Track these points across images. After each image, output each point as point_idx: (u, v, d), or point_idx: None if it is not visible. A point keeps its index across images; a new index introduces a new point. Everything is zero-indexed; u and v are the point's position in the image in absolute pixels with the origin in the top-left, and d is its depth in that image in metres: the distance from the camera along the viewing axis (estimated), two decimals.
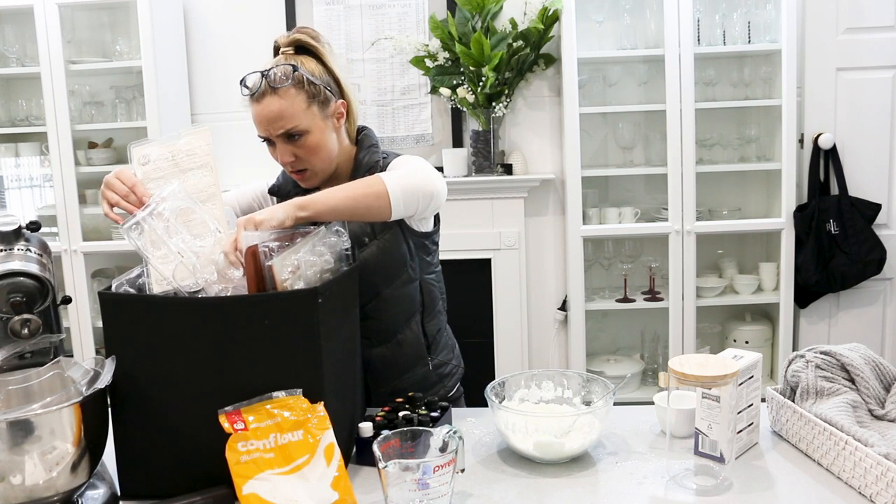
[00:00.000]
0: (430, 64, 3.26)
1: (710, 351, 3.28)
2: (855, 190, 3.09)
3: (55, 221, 3.27)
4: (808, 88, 3.09)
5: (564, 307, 3.43)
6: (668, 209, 3.15)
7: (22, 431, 1.02)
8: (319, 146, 1.46)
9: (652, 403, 1.38)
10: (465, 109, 3.30)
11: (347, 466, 1.19)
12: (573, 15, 3.05)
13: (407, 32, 3.40)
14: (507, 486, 1.19)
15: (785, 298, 3.14)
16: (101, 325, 1.30)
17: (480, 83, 3.18)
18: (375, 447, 1.05)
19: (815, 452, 1.21)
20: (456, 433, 1.10)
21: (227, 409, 1.09)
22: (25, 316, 1.22)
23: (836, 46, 3.05)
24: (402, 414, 1.29)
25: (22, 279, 1.22)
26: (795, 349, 2.07)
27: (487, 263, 3.36)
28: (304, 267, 1.21)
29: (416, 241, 1.54)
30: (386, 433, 1.10)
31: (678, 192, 3.12)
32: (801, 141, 3.13)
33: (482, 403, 1.36)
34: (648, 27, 3.15)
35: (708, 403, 1.13)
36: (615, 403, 1.30)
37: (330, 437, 1.11)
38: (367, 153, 1.54)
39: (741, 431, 1.24)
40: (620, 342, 3.52)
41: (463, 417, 1.45)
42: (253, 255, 1.18)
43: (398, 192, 1.35)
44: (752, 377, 1.26)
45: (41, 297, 1.24)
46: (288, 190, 1.56)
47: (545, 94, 3.41)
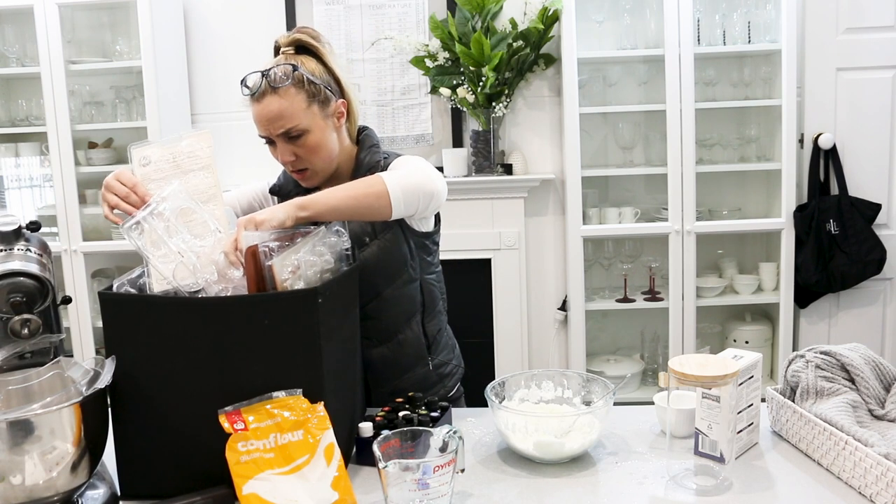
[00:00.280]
0: (430, 64, 3.26)
1: (710, 351, 3.28)
2: (855, 190, 3.09)
3: (55, 221, 3.27)
4: (808, 88, 3.09)
5: (564, 307, 3.43)
6: (668, 209, 3.15)
7: (22, 431, 1.02)
8: (320, 145, 1.46)
9: (652, 403, 1.38)
10: (465, 109, 3.30)
11: (347, 466, 1.19)
12: (573, 15, 3.05)
13: (407, 32, 3.39)
14: (507, 486, 1.18)
15: (785, 298, 3.14)
16: (101, 325, 1.30)
17: (480, 83, 3.18)
18: (375, 447, 1.05)
19: (815, 452, 1.21)
20: (456, 433, 1.10)
21: (227, 409, 1.09)
22: (25, 316, 1.22)
23: (836, 46, 3.05)
24: (402, 414, 1.29)
25: (22, 279, 1.22)
26: (795, 349, 2.07)
27: (487, 263, 3.36)
28: (304, 267, 1.21)
29: (416, 240, 1.54)
30: (386, 433, 1.10)
31: (678, 192, 3.12)
32: (801, 141, 3.13)
33: (482, 403, 1.36)
34: (648, 27, 3.15)
35: (708, 403, 1.13)
36: (615, 403, 1.30)
37: (330, 437, 1.11)
38: (368, 153, 1.54)
39: (741, 431, 1.24)
40: (620, 342, 3.52)
41: (463, 417, 1.45)
42: (253, 255, 1.18)
43: (399, 191, 1.35)
44: (752, 377, 1.26)
45: (41, 297, 1.24)
46: (289, 190, 1.56)
47: (545, 94, 3.41)
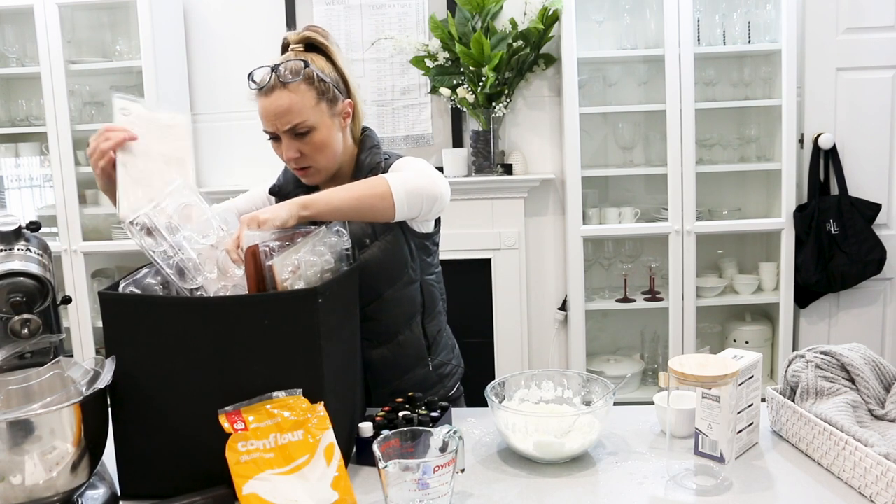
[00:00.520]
0: (430, 64, 3.26)
1: (710, 351, 3.28)
2: (855, 190, 3.09)
3: (55, 221, 3.27)
4: (808, 88, 3.09)
5: (564, 307, 3.43)
6: (668, 209, 3.15)
7: (22, 431, 1.02)
8: (326, 144, 1.45)
9: (652, 403, 1.38)
10: (465, 109, 3.30)
11: (347, 466, 1.19)
12: (573, 15, 3.05)
13: (407, 32, 3.39)
14: (507, 486, 1.18)
15: (785, 298, 3.14)
16: (101, 325, 1.30)
17: (480, 83, 3.18)
18: (375, 447, 1.05)
19: (815, 452, 1.21)
20: (456, 433, 1.10)
21: (227, 409, 1.09)
22: (25, 316, 1.22)
23: (836, 46, 3.05)
24: (402, 414, 1.29)
25: (22, 279, 1.22)
26: (795, 349, 2.07)
27: (487, 263, 3.36)
28: (304, 267, 1.21)
29: (417, 242, 1.54)
30: (386, 433, 1.10)
31: (678, 192, 3.12)
32: (801, 141, 3.13)
33: (482, 403, 1.36)
34: (648, 27, 3.15)
35: (708, 403, 1.13)
36: (615, 403, 1.30)
37: (330, 437, 1.11)
38: (368, 154, 1.53)
39: (741, 431, 1.24)
40: (620, 342, 3.52)
41: (463, 417, 1.45)
42: (253, 254, 1.18)
43: (402, 193, 1.34)
44: (752, 377, 1.26)
45: (41, 297, 1.24)
46: (289, 190, 1.56)
47: (545, 94, 3.41)
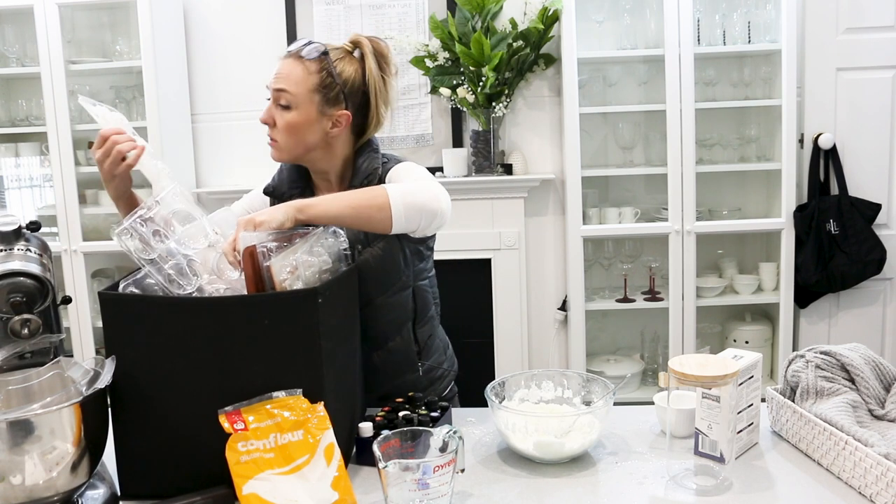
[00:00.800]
0: (430, 64, 3.25)
1: (710, 351, 3.28)
2: (855, 190, 3.09)
3: (55, 221, 3.27)
4: (808, 88, 3.09)
5: (564, 307, 3.43)
6: (668, 209, 3.15)
7: (22, 431, 1.02)
8: (295, 128, 1.44)
9: (652, 403, 1.38)
10: (465, 109, 3.30)
11: (347, 466, 1.19)
12: (573, 15, 3.05)
13: (407, 32, 3.39)
14: (507, 486, 1.18)
15: (785, 298, 3.14)
16: (101, 325, 1.30)
17: (480, 83, 3.18)
18: (375, 447, 1.05)
19: (815, 452, 1.21)
20: (456, 433, 1.10)
21: (227, 409, 1.09)
22: (25, 316, 1.22)
23: (836, 46, 3.05)
24: (402, 414, 1.29)
25: (22, 279, 1.22)
26: (795, 349, 2.07)
27: (487, 263, 3.36)
28: (302, 267, 1.21)
29: (411, 248, 1.50)
30: (386, 433, 1.10)
31: (678, 192, 3.12)
32: (801, 141, 3.13)
33: (482, 403, 1.36)
34: (648, 27, 3.15)
35: (708, 403, 1.13)
36: (615, 403, 1.30)
37: (330, 437, 1.11)
38: (366, 158, 1.50)
39: (741, 431, 1.24)
40: (620, 342, 3.52)
41: (463, 417, 1.45)
42: (251, 255, 1.18)
43: (401, 207, 1.32)
44: (752, 377, 1.26)
45: (41, 297, 1.24)
46: (283, 191, 1.54)
47: (545, 94, 3.41)
